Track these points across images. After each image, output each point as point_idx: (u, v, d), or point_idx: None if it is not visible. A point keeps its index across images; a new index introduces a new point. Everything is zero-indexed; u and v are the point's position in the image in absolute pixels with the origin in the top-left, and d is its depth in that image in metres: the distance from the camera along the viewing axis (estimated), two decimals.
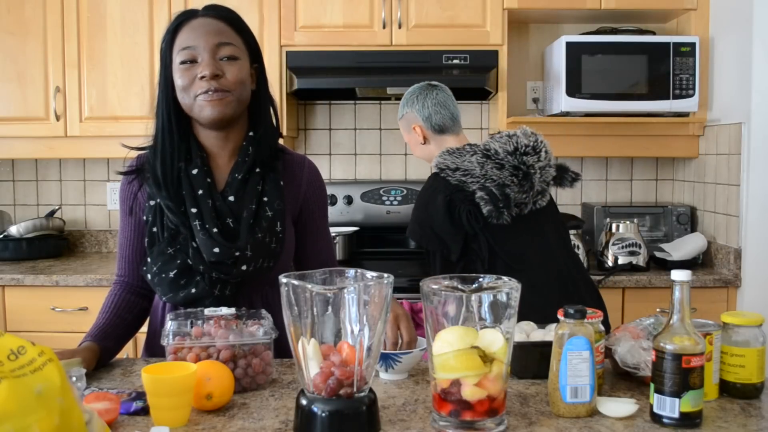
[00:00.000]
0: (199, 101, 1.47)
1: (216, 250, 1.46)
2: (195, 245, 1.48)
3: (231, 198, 1.51)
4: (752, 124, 2.63)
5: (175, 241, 1.49)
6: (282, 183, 1.57)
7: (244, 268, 1.49)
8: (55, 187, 3.45)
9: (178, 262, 1.48)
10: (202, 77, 1.45)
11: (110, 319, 1.54)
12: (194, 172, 1.51)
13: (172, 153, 1.51)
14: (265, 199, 1.53)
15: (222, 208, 1.50)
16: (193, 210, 1.48)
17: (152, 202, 1.51)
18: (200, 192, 1.50)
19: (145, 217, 1.53)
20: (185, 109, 1.50)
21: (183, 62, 1.47)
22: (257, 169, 1.54)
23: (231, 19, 1.51)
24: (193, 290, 1.49)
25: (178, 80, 1.47)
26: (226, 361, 1.28)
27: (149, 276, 1.51)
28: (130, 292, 1.59)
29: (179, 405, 1.14)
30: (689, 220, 3.05)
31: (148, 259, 1.51)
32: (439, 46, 2.93)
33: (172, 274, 1.49)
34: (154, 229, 1.51)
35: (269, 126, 1.59)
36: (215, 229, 1.47)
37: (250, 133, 1.56)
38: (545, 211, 2.07)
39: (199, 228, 1.47)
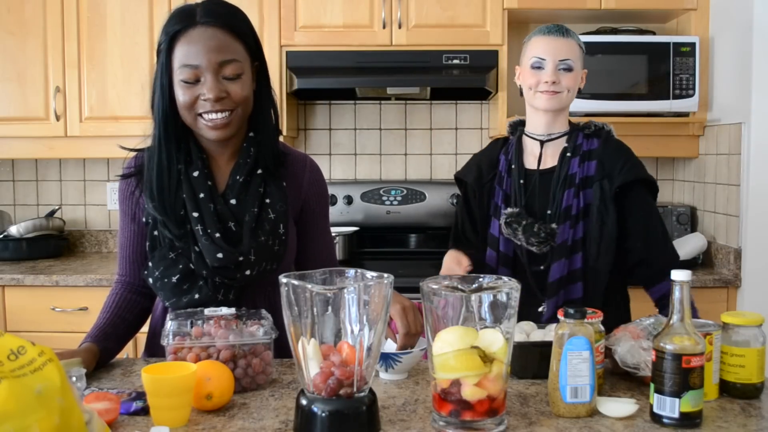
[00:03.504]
0: (201, 123, 1.45)
1: (219, 255, 1.44)
2: (197, 250, 1.46)
3: (233, 201, 1.50)
4: (752, 124, 2.63)
5: (177, 246, 1.48)
6: (284, 184, 1.56)
7: (248, 273, 1.47)
8: (55, 187, 3.45)
9: (180, 267, 1.47)
10: (206, 99, 1.42)
11: (111, 319, 1.53)
12: (195, 174, 1.49)
13: (169, 158, 1.49)
14: (267, 200, 1.51)
15: (223, 212, 1.49)
16: (195, 214, 1.46)
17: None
18: (201, 195, 1.48)
19: (145, 219, 1.51)
20: (186, 123, 1.48)
21: (184, 81, 1.43)
22: (258, 171, 1.52)
23: (232, 25, 1.45)
24: (197, 296, 1.47)
25: (180, 97, 1.44)
26: (226, 361, 1.28)
27: (151, 280, 1.50)
28: (132, 291, 1.59)
29: (179, 405, 1.15)
30: (689, 220, 3.05)
31: (150, 264, 1.49)
32: (439, 46, 2.93)
33: (174, 279, 1.47)
34: (155, 233, 1.49)
35: (270, 126, 1.56)
36: (218, 234, 1.46)
37: (251, 134, 1.54)
38: None
39: (201, 233, 1.45)
